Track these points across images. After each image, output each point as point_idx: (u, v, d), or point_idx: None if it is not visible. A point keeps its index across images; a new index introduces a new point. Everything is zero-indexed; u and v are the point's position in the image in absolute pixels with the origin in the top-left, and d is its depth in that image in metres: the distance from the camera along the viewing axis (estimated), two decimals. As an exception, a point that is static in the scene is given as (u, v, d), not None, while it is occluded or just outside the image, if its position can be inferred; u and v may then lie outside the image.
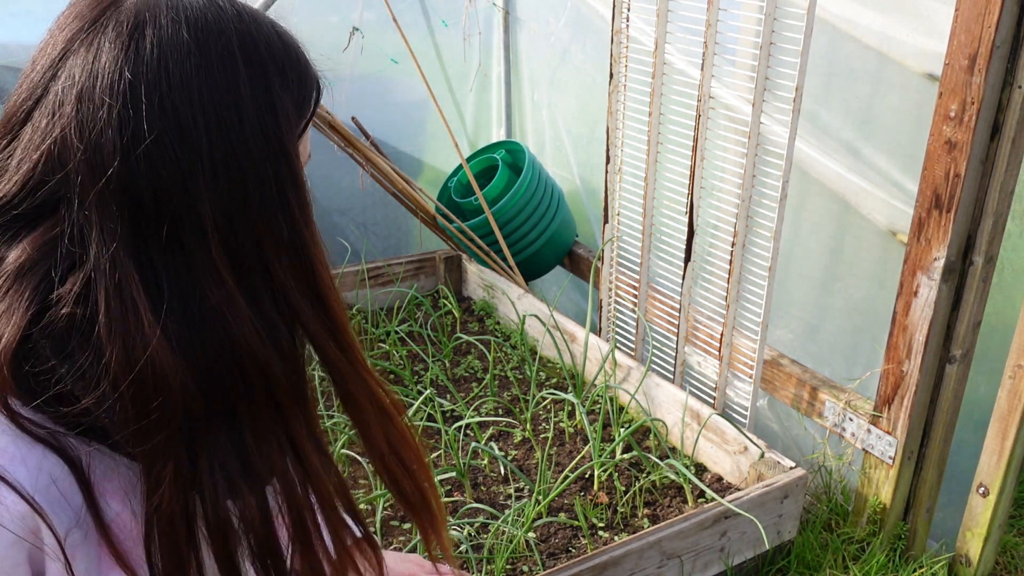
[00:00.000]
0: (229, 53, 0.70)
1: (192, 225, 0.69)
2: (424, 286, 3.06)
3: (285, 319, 0.75)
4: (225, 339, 0.70)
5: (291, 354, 0.75)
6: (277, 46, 0.75)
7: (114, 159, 0.67)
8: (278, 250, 0.73)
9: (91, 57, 0.68)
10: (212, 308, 0.70)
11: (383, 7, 2.90)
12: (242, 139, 0.70)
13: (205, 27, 0.70)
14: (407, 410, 2.25)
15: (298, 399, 0.76)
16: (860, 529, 2.06)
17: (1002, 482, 1.83)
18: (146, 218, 0.68)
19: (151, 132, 0.67)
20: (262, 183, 0.72)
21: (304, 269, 0.75)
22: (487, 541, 1.84)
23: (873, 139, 2.12)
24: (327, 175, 3.17)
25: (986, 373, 2.02)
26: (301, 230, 0.75)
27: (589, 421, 2.27)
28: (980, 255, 1.78)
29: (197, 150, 0.68)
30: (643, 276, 2.45)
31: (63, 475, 0.70)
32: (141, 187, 0.68)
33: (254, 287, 0.73)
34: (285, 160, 0.73)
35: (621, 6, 2.22)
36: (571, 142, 3.18)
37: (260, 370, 0.72)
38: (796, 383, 2.19)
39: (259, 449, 0.74)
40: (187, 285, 0.70)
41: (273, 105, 0.72)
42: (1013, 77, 1.65)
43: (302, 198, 0.75)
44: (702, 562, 1.83)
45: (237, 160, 0.70)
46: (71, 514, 0.70)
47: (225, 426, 0.73)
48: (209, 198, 0.69)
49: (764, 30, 1.88)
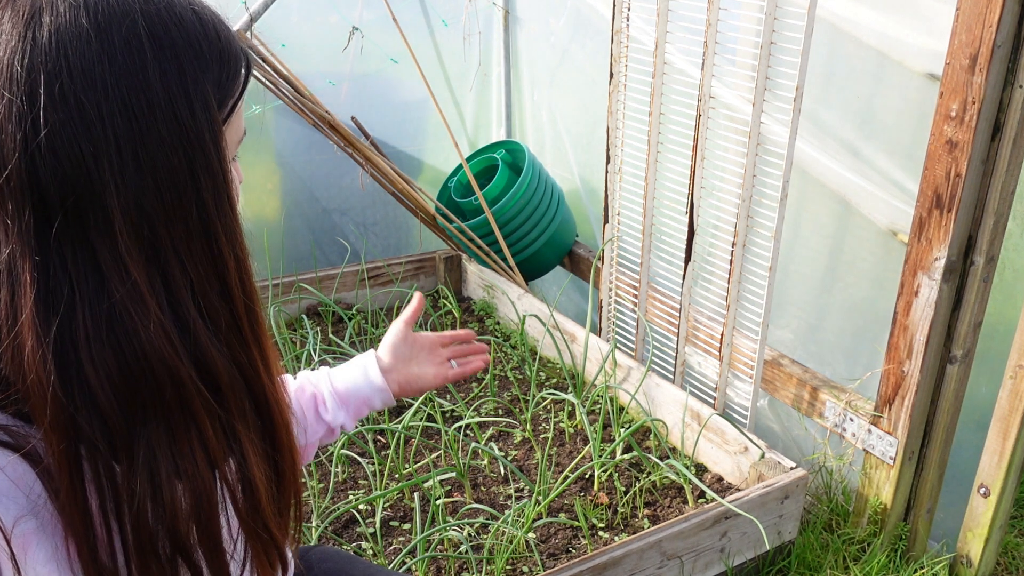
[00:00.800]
0: (134, 36, 0.67)
1: (98, 218, 0.67)
2: (424, 286, 3.06)
3: (202, 316, 0.72)
4: (132, 338, 0.68)
5: (207, 354, 0.72)
6: (192, 25, 0.71)
7: (13, 155, 0.65)
8: (189, 240, 0.71)
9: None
10: (118, 306, 0.68)
11: (383, 6, 2.90)
12: (151, 126, 0.67)
13: (107, 11, 0.67)
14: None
15: (207, 405, 0.73)
16: (861, 530, 2.05)
17: (1003, 482, 1.83)
18: (52, 212, 0.66)
19: (51, 124, 0.64)
20: (173, 171, 0.69)
21: (214, 260, 0.73)
22: (487, 541, 1.84)
23: (874, 139, 2.12)
24: (327, 175, 3.17)
25: (987, 373, 2.02)
26: (212, 219, 0.72)
27: (589, 421, 2.26)
28: (981, 255, 1.78)
29: (102, 140, 0.66)
30: (643, 276, 2.44)
31: (12, 463, 0.68)
32: (44, 182, 0.65)
33: (170, 280, 0.70)
34: (200, 146, 0.70)
35: (621, 6, 2.22)
36: (571, 142, 3.17)
37: (167, 372, 0.70)
38: (796, 383, 2.18)
39: (172, 453, 0.72)
40: (95, 282, 0.67)
41: (186, 88, 0.69)
42: (1014, 77, 1.65)
43: (217, 185, 0.72)
44: (702, 563, 1.83)
45: (146, 148, 0.67)
46: (22, 502, 0.68)
47: (136, 430, 0.70)
48: (116, 190, 0.67)
49: (764, 29, 1.88)
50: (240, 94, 0.76)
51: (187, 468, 0.72)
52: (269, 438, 0.81)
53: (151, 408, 0.70)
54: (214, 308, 0.73)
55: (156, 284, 0.70)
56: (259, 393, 0.79)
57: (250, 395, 0.78)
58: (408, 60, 2.96)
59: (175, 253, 0.70)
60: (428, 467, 2.12)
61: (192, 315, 0.71)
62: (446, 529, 1.83)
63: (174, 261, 0.70)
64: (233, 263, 0.74)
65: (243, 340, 0.76)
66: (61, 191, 0.66)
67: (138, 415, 0.70)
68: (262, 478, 0.79)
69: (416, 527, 1.82)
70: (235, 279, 0.75)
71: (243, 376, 0.76)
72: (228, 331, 0.75)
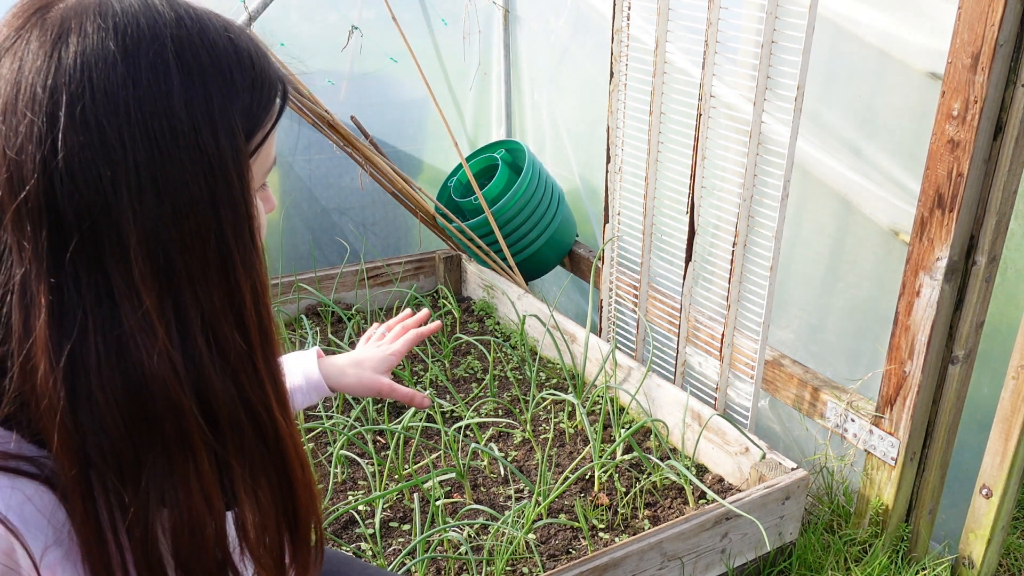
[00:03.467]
0: (162, 61, 0.66)
1: (113, 243, 0.66)
2: (424, 286, 3.05)
3: (211, 349, 0.71)
4: (138, 366, 0.67)
5: (211, 390, 0.71)
6: (225, 51, 0.70)
7: (32, 175, 0.64)
8: (205, 270, 0.69)
9: (15, 68, 0.65)
10: (127, 333, 0.66)
11: (382, 5, 2.89)
12: (173, 153, 0.66)
13: (136, 34, 0.66)
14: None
15: (205, 439, 0.71)
16: (862, 531, 2.05)
17: (1005, 483, 1.82)
18: (68, 235, 0.65)
19: (71, 146, 0.64)
20: (193, 200, 0.68)
21: (230, 291, 0.71)
22: (487, 542, 1.83)
23: (875, 138, 2.11)
24: (326, 175, 3.16)
25: (989, 374, 2.01)
26: (231, 250, 0.70)
27: (589, 422, 2.26)
28: (983, 255, 1.77)
29: (122, 165, 0.65)
30: (644, 276, 2.44)
31: (39, 492, 0.68)
32: (62, 204, 0.64)
33: (182, 310, 0.69)
34: (223, 176, 0.69)
35: (622, 4, 2.21)
36: (571, 141, 3.17)
37: (169, 402, 0.69)
38: (797, 384, 2.18)
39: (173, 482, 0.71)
40: (108, 307, 0.66)
41: (212, 117, 0.68)
42: (1016, 76, 1.64)
43: (238, 217, 0.71)
44: (703, 564, 1.82)
45: (166, 176, 0.66)
46: (49, 532, 0.68)
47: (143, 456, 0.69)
48: (134, 215, 0.65)
49: (765, 28, 1.87)
50: (273, 124, 0.74)
51: (184, 498, 0.71)
52: (283, 474, 0.79)
53: (153, 436, 0.69)
54: (225, 340, 0.71)
55: (167, 312, 0.68)
56: (270, 429, 0.77)
57: (258, 431, 0.76)
58: (408, 59, 2.96)
59: (189, 282, 0.69)
60: (428, 468, 2.12)
61: (199, 346, 0.70)
62: (446, 530, 1.82)
63: (188, 290, 0.69)
64: (250, 295, 0.73)
65: (256, 374, 0.74)
66: (78, 214, 0.65)
67: (144, 442, 0.69)
68: (252, 514, 0.77)
69: (416, 528, 1.81)
70: (251, 312, 0.73)
71: (251, 412, 0.75)
72: (238, 364, 0.73)
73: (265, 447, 0.77)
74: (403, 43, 2.91)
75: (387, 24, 2.91)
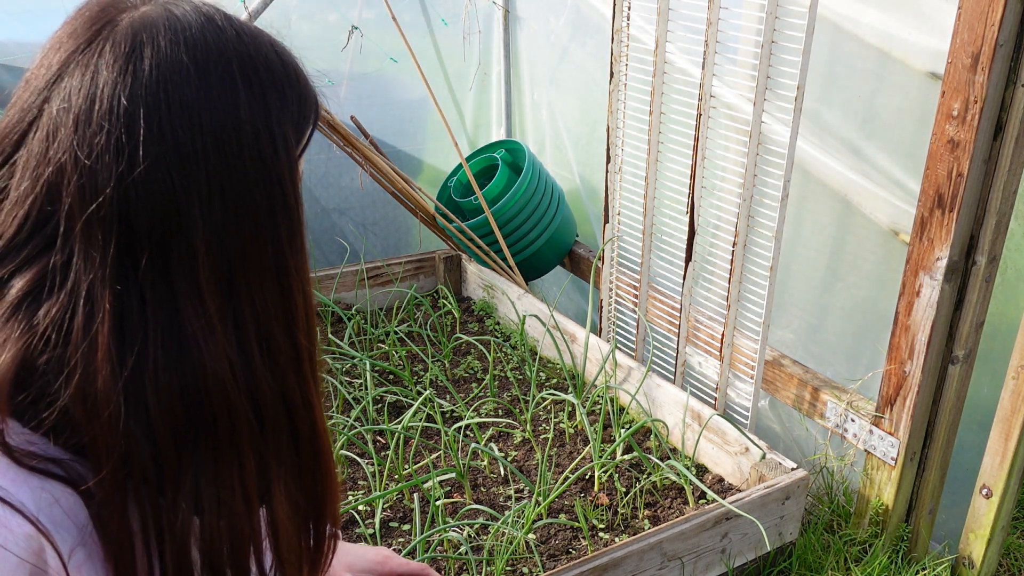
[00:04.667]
0: (229, 76, 0.69)
1: (182, 250, 0.68)
2: (424, 286, 3.05)
3: (263, 351, 0.73)
4: (197, 369, 0.69)
5: (261, 391, 0.73)
6: (277, 67, 0.73)
7: (108, 185, 0.66)
8: (262, 277, 0.72)
9: (88, 79, 0.67)
10: (189, 336, 0.69)
11: (382, 5, 2.89)
12: (240, 164, 0.69)
13: (205, 49, 0.69)
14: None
15: (254, 439, 0.74)
16: (862, 531, 2.05)
17: (1005, 483, 1.82)
18: (138, 243, 0.67)
19: (148, 157, 0.66)
20: (256, 209, 0.71)
21: (283, 296, 0.74)
22: (487, 542, 1.83)
23: (875, 138, 2.11)
24: (326, 175, 3.16)
25: (989, 374, 2.01)
26: (286, 256, 0.73)
27: (589, 422, 2.26)
28: (983, 255, 1.77)
29: (194, 175, 0.67)
30: (644, 276, 2.44)
31: (65, 494, 0.69)
32: (134, 213, 0.66)
33: (239, 314, 0.71)
34: (279, 185, 0.72)
35: (622, 5, 2.21)
36: (571, 141, 3.17)
37: (225, 402, 0.70)
38: (797, 384, 2.18)
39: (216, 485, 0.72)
40: (170, 312, 0.68)
41: (271, 129, 0.71)
42: (1016, 76, 1.64)
43: (293, 224, 0.74)
44: (703, 563, 1.82)
45: (233, 186, 0.69)
46: (75, 533, 0.70)
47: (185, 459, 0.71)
48: (203, 224, 0.68)
49: (765, 28, 1.87)
50: (310, 136, 0.77)
51: (226, 500, 0.73)
52: (318, 473, 0.81)
53: (202, 438, 0.71)
54: (277, 343, 0.74)
55: (226, 316, 0.71)
56: (309, 429, 0.79)
57: (298, 431, 0.78)
58: (408, 59, 2.96)
59: (247, 288, 0.71)
60: (428, 468, 2.12)
61: (253, 350, 0.72)
62: (446, 530, 1.82)
63: (244, 295, 0.71)
64: (301, 300, 0.76)
65: (302, 376, 0.77)
66: (149, 223, 0.67)
67: (188, 444, 0.71)
68: (286, 517, 0.79)
69: (416, 528, 1.81)
70: (301, 316, 0.76)
71: (294, 413, 0.77)
72: (287, 366, 0.75)
73: (303, 447, 0.79)
74: (403, 43, 2.91)
75: (387, 24, 2.91)
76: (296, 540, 0.82)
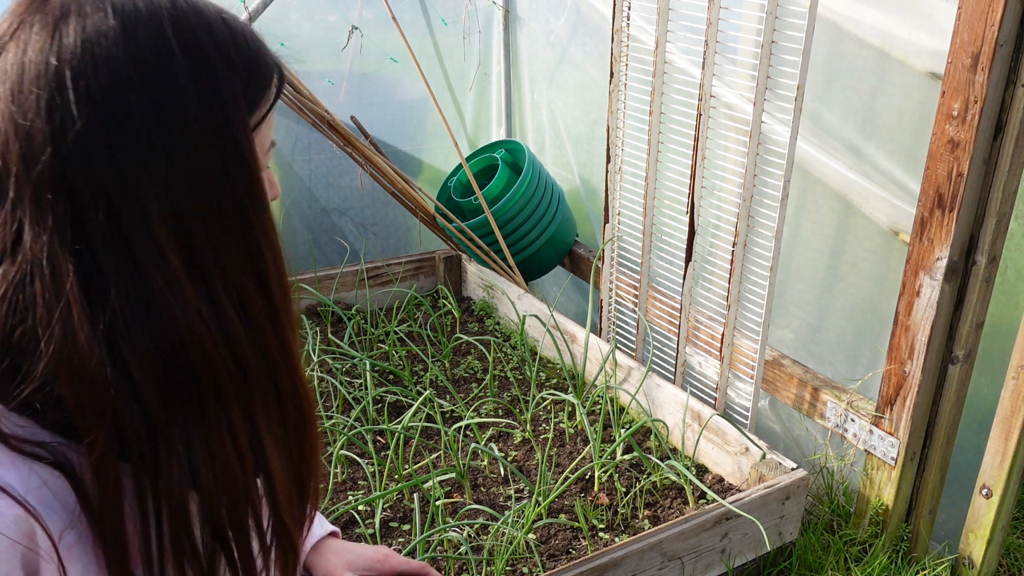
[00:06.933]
0: (162, 37, 0.69)
1: (132, 210, 0.68)
2: (424, 286, 3.05)
3: (235, 304, 0.74)
4: (169, 325, 0.70)
5: (238, 343, 0.74)
6: (221, 32, 0.73)
7: (44, 148, 0.67)
8: (226, 234, 0.73)
9: (20, 51, 0.68)
10: (156, 293, 0.69)
11: (382, 5, 2.89)
12: (184, 124, 0.69)
13: (135, 12, 0.69)
14: (402, 414, 2.23)
15: (238, 392, 0.75)
16: (862, 531, 2.05)
17: (1005, 483, 1.82)
18: (84, 206, 0.68)
19: (80, 118, 0.66)
20: (208, 168, 0.71)
21: (250, 254, 0.75)
22: (487, 542, 1.83)
23: (875, 138, 2.11)
24: (326, 175, 3.16)
25: (989, 374, 2.01)
26: (248, 213, 0.74)
27: (589, 422, 2.26)
28: (983, 255, 1.77)
29: (131, 135, 0.68)
30: (644, 276, 2.44)
31: (54, 477, 0.70)
32: (75, 175, 0.67)
33: (206, 270, 0.72)
34: (233, 144, 0.72)
35: (622, 5, 2.21)
36: (571, 141, 3.17)
37: (203, 357, 0.71)
38: (797, 384, 2.18)
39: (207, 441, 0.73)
40: (130, 273, 0.69)
41: (218, 88, 0.71)
42: (1016, 76, 1.64)
43: (252, 183, 0.74)
44: (703, 564, 1.82)
45: (179, 145, 0.69)
46: (64, 515, 0.70)
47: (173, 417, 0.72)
48: (151, 182, 0.68)
49: (765, 28, 1.87)
50: (271, 106, 0.78)
51: (219, 454, 0.74)
52: (303, 431, 0.83)
53: (186, 395, 0.72)
54: (249, 297, 0.75)
55: (193, 273, 0.71)
56: (290, 385, 0.80)
57: (280, 387, 0.79)
58: (408, 59, 2.96)
59: (210, 245, 0.72)
60: (428, 468, 2.12)
61: (224, 302, 0.73)
62: (446, 530, 1.82)
63: (208, 253, 0.72)
64: (269, 254, 0.76)
65: (279, 331, 0.78)
66: (92, 183, 0.67)
67: (174, 402, 0.71)
68: (279, 469, 0.80)
69: (416, 528, 1.81)
70: (272, 270, 0.77)
71: (272, 364, 0.78)
72: (262, 320, 0.76)
73: (285, 399, 0.80)
74: (403, 43, 2.91)
75: (387, 24, 2.91)
76: (293, 494, 0.83)
